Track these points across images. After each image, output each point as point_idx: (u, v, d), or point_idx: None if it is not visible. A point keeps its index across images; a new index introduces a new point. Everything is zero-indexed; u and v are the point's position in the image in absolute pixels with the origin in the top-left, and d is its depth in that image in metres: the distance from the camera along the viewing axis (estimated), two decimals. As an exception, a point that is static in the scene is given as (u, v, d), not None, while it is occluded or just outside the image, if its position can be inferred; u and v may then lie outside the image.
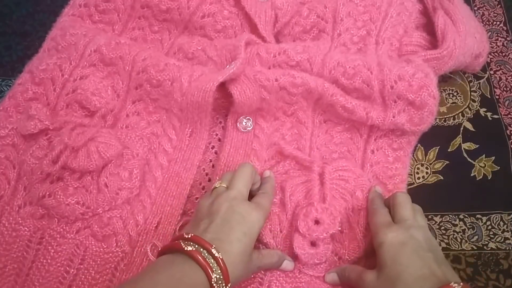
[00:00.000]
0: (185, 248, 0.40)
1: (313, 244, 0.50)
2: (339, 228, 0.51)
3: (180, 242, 0.41)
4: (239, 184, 0.48)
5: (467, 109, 0.65)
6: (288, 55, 0.59)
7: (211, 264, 0.40)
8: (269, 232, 0.52)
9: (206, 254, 0.40)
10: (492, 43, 0.70)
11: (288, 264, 0.51)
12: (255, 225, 0.45)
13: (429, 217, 0.58)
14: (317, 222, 0.50)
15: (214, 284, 0.39)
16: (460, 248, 0.56)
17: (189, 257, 0.40)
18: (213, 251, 0.40)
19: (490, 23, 0.73)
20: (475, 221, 0.58)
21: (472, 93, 0.66)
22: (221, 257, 0.40)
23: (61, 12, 0.65)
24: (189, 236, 0.42)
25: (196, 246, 0.41)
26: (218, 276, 0.39)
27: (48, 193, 0.52)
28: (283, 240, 0.52)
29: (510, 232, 0.57)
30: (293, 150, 0.56)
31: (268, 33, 0.63)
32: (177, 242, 0.42)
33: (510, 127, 0.64)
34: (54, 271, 0.50)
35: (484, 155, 0.62)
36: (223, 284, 0.40)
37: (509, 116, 0.65)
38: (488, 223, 0.57)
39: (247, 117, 0.59)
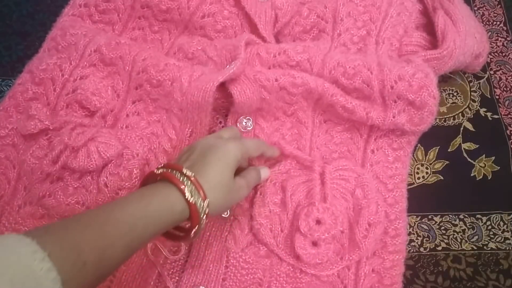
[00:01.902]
0: (156, 172, 0.42)
1: (314, 244, 0.50)
2: (341, 228, 0.51)
3: (152, 171, 0.43)
4: (220, 131, 0.51)
5: (467, 109, 0.65)
6: (288, 55, 0.59)
7: (182, 180, 0.41)
8: (270, 231, 0.52)
9: (178, 174, 0.41)
10: (492, 43, 0.70)
11: (265, 171, 0.53)
12: (229, 152, 0.45)
13: (429, 217, 0.58)
14: (318, 222, 0.50)
15: (188, 198, 0.40)
16: (460, 248, 0.56)
17: (162, 179, 0.42)
18: (184, 170, 0.41)
19: (490, 23, 0.73)
20: (475, 221, 0.58)
21: (472, 93, 0.66)
22: (193, 174, 0.41)
23: (61, 12, 0.65)
24: (162, 165, 0.43)
25: (168, 169, 0.42)
26: (190, 189, 0.40)
27: (48, 193, 0.52)
28: (284, 240, 0.52)
29: (510, 232, 0.57)
30: (293, 150, 0.56)
31: (268, 33, 0.63)
32: (150, 172, 0.43)
33: (510, 127, 0.64)
34: (54, 271, 0.50)
35: (484, 155, 0.62)
36: (200, 199, 0.41)
37: (509, 116, 0.65)
38: (488, 223, 0.57)
39: (247, 117, 0.59)
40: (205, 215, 0.41)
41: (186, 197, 0.40)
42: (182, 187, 0.40)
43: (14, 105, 0.58)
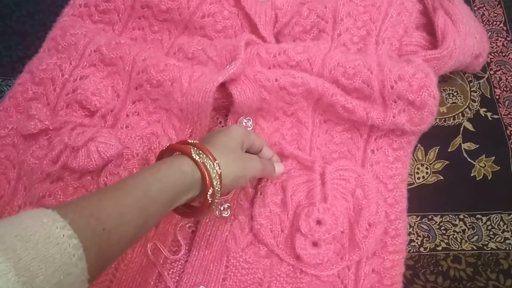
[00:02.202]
0: (163, 149, 0.44)
1: (314, 244, 0.50)
2: (341, 229, 0.51)
3: (162, 149, 0.45)
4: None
5: (467, 109, 0.65)
6: (288, 55, 0.59)
7: (187, 147, 0.42)
8: (270, 232, 0.52)
9: (182, 144, 0.43)
10: (492, 43, 0.70)
11: (279, 166, 0.53)
12: (232, 130, 0.47)
13: (429, 217, 0.58)
14: (319, 222, 0.50)
15: (196, 157, 0.41)
16: (460, 248, 0.56)
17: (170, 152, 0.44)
18: (189, 140, 0.44)
19: (490, 23, 0.73)
20: (475, 221, 0.58)
21: (472, 93, 0.66)
22: (197, 142, 0.43)
23: (61, 12, 0.65)
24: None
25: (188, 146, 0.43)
26: (196, 151, 0.42)
27: (48, 193, 0.52)
28: (285, 240, 0.52)
29: (510, 232, 0.57)
30: (293, 150, 0.56)
31: (268, 33, 0.63)
32: (160, 151, 0.46)
33: (510, 127, 0.64)
34: (54, 271, 0.50)
35: (484, 155, 0.62)
36: (210, 161, 0.42)
37: (509, 116, 0.65)
38: (488, 223, 0.57)
39: (247, 117, 0.59)
40: (218, 177, 0.42)
41: (193, 157, 0.41)
42: (188, 149, 0.42)
43: (14, 105, 0.58)
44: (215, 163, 0.42)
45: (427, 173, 0.60)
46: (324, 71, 0.58)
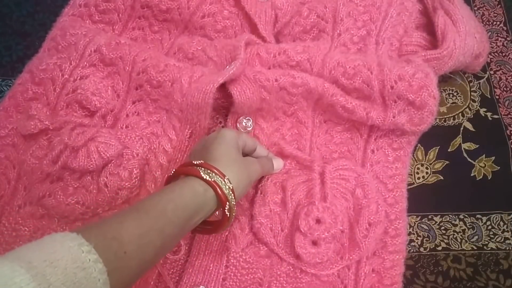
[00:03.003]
0: (170, 174, 0.45)
1: (314, 243, 0.51)
2: (341, 228, 0.51)
3: (169, 175, 0.45)
4: None
5: (467, 109, 0.65)
6: (288, 55, 0.59)
7: (193, 168, 0.43)
8: (270, 231, 0.52)
9: (188, 166, 0.44)
10: (492, 43, 0.70)
11: (278, 161, 0.54)
12: (226, 135, 0.47)
13: (429, 217, 0.58)
14: (318, 221, 0.50)
15: (205, 176, 0.42)
16: (460, 248, 0.56)
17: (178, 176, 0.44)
18: (193, 161, 0.44)
19: (490, 23, 0.73)
20: (475, 221, 0.58)
21: (472, 93, 0.66)
22: (201, 162, 0.44)
23: (61, 12, 0.65)
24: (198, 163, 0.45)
25: (202, 169, 0.43)
26: (203, 170, 0.43)
27: (48, 193, 0.52)
28: (284, 239, 0.52)
29: (510, 232, 0.57)
30: (293, 150, 0.56)
31: (268, 33, 0.63)
32: (166, 176, 0.46)
33: (510, 127, 0.64)
34: (54, 271, 0.50)
35: (484, 155, 0.62)
36: (220, 178, 0.43)
37: (509, 116, 0.65)
38: (488, 223, 0.57)
39: (247, 117, 0.59)
40: (231, 191, 0.43)
41: (203, 177, 0.42)
42: (197, 171, 0.42)
43: (14, 105, 0.58)
44: (225, 179, 0.43)
45: (427, 173, 0.60)
46: (324, 71, 0.58)
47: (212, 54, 0.60)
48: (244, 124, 0.58)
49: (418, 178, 0.60)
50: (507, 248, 0.56)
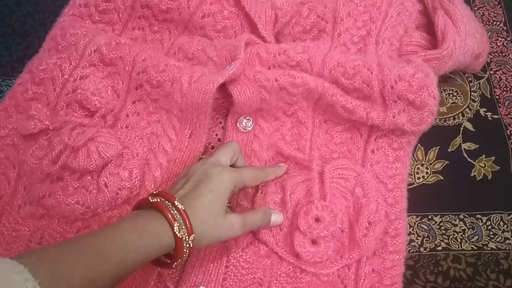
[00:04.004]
0: (151, 200, 0.43)
1: (313, 242, 0.51)
2: (340, 226, 0.51)
3: (147, 197, 0.44)
4: (218, 154, 0.51)
5: (467, 109, 0.65)
6: (288, 55, 0.59)
7: (173, 213, 0.42)
8: (269, 230, 0.52)
9: (170, 206, 0.42)
10: (492, 43, 0.70)
11: (277, 217, 0.52)
12: (222, 184, 0.46)
13: (429, 217, 0.58)
14: (317, 220, 0.51)
15: (177, 233, 0.41)
16: (460, 248, 0.56)
17: (154, 208, 0.43)
18: (176, 203, 0.42)
19: (490, 23, 0.73)
20: (475, 221, 0.58)
21: (472, 93, 0.66)
22: (183, 208, 0.42)
23: (61, 12, 0.64)
24: (157, 192, 0.45)
25: (161, 198, 0.43)
26: (179, 224, 0.41)
27: (48, 193, 0.52)
28: (284, 238, 0.52)
29: (510, 232, 0.57)
30: (292, 151, 0.57)
31: (268, 33, 0.63)
32: (144, 197, 0.44)
33: (510, 127, 0.64)
34: (54, 271, 0.50)
35: (484, 155, 0.62)
36: (186, 234, 0.42)
37: (509, 116, 0.65)
38: (488, 223, 0.57)
39: (247, 117, 0.59)
40: (187, 250, 0.43)
41: (175, 232, 0.41)
42: (173, 222, 0.41)
43: (14, 105, 0.58)
44: (191, 237, 0.42)
45: (427, 173, 0.60)
46: (324, 71, 0.58)
47: (212, 54, 0.60)
48: (244, 124, 0.58)
49: (418, 178, 0.60)
50: (507, 248, 0.56)
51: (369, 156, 0.58)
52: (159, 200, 0.43)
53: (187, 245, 0.42)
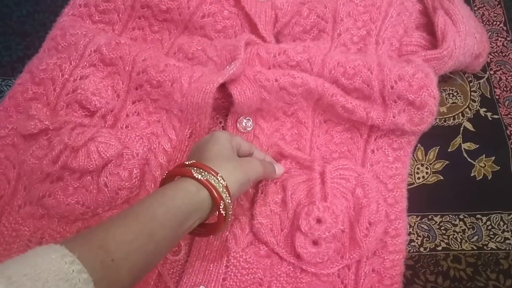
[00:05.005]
0: (164, 176, 0.44)
1: (315, 243, 0.51)
2: (342, 227, 0.51)
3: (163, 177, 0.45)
4: None
5: (467, 109, 0.65)
6: (288, 55, 0.59)
7: (187, 168, 0.42)
8: (270, 231, 0.52)
9: (184, 166, 0.43)
10: (492, 43, 0.70)
11: (279, 167, 0.54)
12: (218, 135, 0.47)
13: (429, 217, 0.58)
14: (319, 221, 0.50)
15: (198, 176, 0.41)
16: (460, 248, 0.56)
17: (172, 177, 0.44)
18: (186, 162, 0.43)
19: (490, 23, 0.73)
20: (475, 221, 0.58)
21: (472, 93, 0.66)
22: (193, 162, 0.43)
23: (61, 12, 0.65)
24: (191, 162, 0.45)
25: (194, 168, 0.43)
26: (198, 171, 0.42)
27: (48, 193, 0.52)
28: (285, 238, 0.52)
29: (510, 232, 0.57)
30: (292, 151, 0.56)
31: (268, 33, 0.63)
32: (161, 179, 0.45)
33: (510, 127, 0.64)
34: (54, 271, 0.50)
35: (484, 155, 0.62)
36: (212, 176, 0.42)
37: (509, 116, 0.65)
38: (488, 223, 0.57)
39: (247, 117, 0.59)
40: (225, 189, 0.42)
41: (195, 176, 0.41)
42: (188, 171, 0.42)
43: (14, 105, 0.58)
44: (218, 177, 0.42)
45: (427, 173, 0.60)
46: (324, 71, 0.58)
47: (212, 54, 0.60)
48: (244, 124, 0.58)
49: (418, 178, 0.60)
50: (507, 248, 0.56)
51: (369, 156, 0.58)
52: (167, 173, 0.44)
53: (221, 185, 0.42)
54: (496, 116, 0.65)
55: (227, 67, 0.57)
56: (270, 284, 0.51)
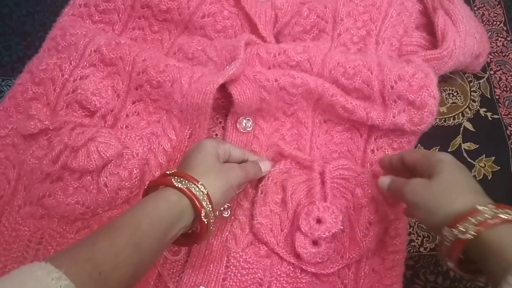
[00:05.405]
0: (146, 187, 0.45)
1: (315, 243, 0.51)
2: (342, 227, 0.51)
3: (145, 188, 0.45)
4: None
5: (467, 109, 0.65)
6: (288, 55, 0.59)
7: (168, 178, 0.43)
8: (270, 231, 0.52)
9: (166, 176, 0.44)
10: (492, 43, 0.70)
11: (265, 164, 0.53)
12: (205, 144, 0.48)
13: (429, 217, 0.58)
14: (319, 221, 0.50)
15: (178, 185, 0.42)
16: (460, 248, 0.56)
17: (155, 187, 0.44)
18: (168, 172, 0.44)
19: (490, 23, 0.73)
20: (475, 221, 0.57)
21: (472, 93, 0.66)
22: (175, 171, 0.44)
23: (61, 12, 0.65)
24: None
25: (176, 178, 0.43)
26: (178, 180, 0.42)
27: (48, 193, 0.52)
28: (285, 238, 0.52)
29: (510, 232, 0.57)
30: (292, 151, 0.56)
31: (268, 33, 0.63)
32: (144, 189, 0.45)
33: (510, 127, 0.64)
34: (54, 271, 0.50)
35: (484, 155, 0.62)
36: (193, 184, 0.42)
37: (509, 116, 0.65)
38: (488, 223, 0.57)
39: (247, 118, 0.59)
40: (206, 197, 0.42)
41: (175, 185, 0.41)
42: (168, 180, 0.42)
43: (14, 105, 0.58)
44: (199, 185, 0.42)
45: (427, 173, 0.60)
46: (324, 71, 0.58)
47: (212, 54, 0.60)
48: (244, 124, 0.58)
49: (418, 178, 0.60)
50: (507, 248, 0.56)
51: (369, 156, 0.58)
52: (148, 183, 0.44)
53: (202, 192, 0.42)
54: (496, 116, 0.65)
55: (227, 67, 0.57)
56: (270, 284, 0.51)
